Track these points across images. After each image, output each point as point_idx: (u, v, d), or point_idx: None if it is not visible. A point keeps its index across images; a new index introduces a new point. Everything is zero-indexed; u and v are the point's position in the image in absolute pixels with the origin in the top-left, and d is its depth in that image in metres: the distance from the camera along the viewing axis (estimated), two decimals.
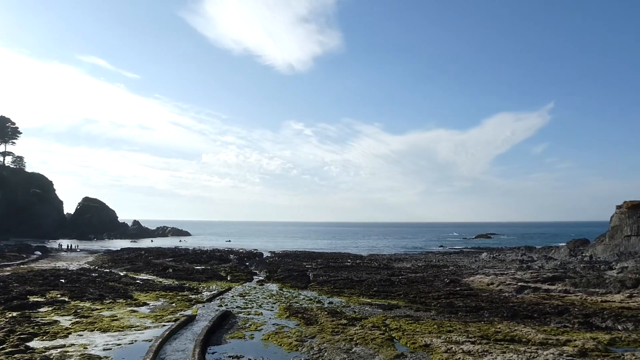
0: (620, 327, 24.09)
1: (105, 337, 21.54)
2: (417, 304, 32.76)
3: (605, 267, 56.37)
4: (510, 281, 41.74)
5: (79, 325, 23.71)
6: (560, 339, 20.75)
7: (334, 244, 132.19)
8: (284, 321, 25.99)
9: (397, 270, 55.84)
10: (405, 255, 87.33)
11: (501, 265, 62.81)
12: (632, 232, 67.93)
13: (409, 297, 35.49)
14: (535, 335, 21.40)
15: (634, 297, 32.92)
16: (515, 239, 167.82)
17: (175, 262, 62.94)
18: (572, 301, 32.74)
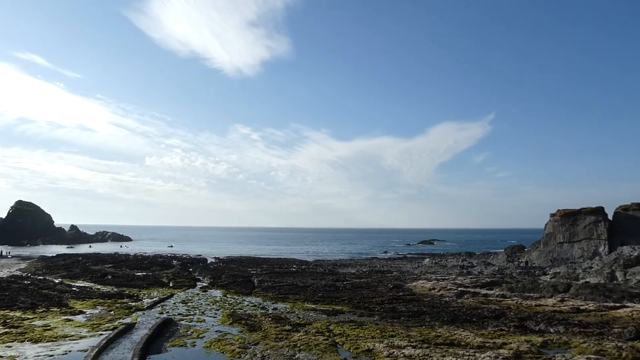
0: (552, 329, 25.16)
1: (36, 348, 20.51)
2: (361, 309, 33.06)
3: (540, 272, 58.90)
4: (451, 286, 42.83)
5: (8, 336, 22.48)
6: (497, 342, 21.45)
7: (280, 250, 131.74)
8: (227, 328, 25.61)
9: (342, 275, 56.23)
10: (351, 260, 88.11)
11: (443, 270, 64.41)
12: (565, 239, 71.36)
13: (353, 302, 35.77)
14: (473, 339, 22.02)
15: (565, 301, 34.51)
16: (456, 245, 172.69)
17: (115, 269, 60.88)
18: (508, 305, 33.94)
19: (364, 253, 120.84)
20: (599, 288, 39.62)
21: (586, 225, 70.16)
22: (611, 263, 53.74)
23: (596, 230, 69.23)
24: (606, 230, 68.45)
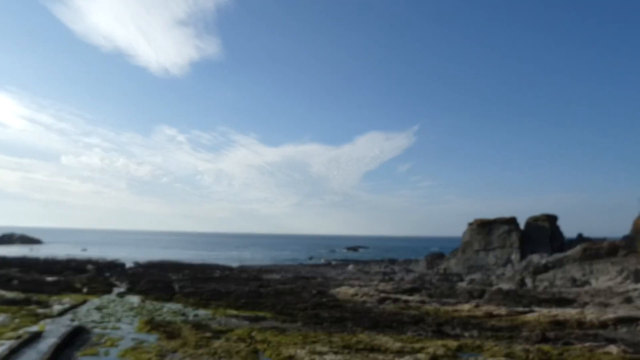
0: (467, 334, 26.19)
1: None
2: (284, 315, 32.90)
3: (457, 279, 61.37)
4: (374, 292, 43.62)
5: None
6: (415, 347, 22.00)
7: (204, 255, 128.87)
8: (144, 335, 24.57)
9: (266, 281, 55.81)
10: (275, 266, 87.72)
11: (366, 277, 65.56)
12: (481, 247, 74.82)
13: (277, 308, 35.53)
14: (393, 344, 22.46)
15: (479, 307, 36.08)
16: (380, 252, 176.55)
17: (22, 273, 56.91)
18: (427, 311, 35.01)
19: (289, 259, 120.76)
20: (511, 294, 41.82)
21: (500, 234, 73.91)
22: (522, 270, 56.89)
23: (509, 239, 73.09)
24: (518, 239, 72.43)
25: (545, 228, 74.52)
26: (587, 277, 50.16)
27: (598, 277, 49.51)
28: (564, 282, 49.95)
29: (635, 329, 27.92)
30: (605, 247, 53.78)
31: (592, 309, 35.30)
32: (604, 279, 48.68)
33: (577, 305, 37.29)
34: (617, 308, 35.25)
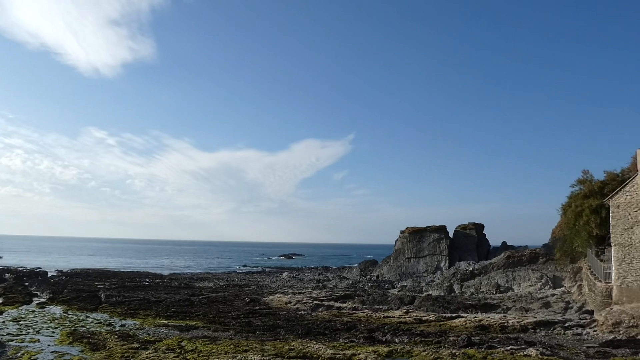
0: (397, 340, 26.74)
1: None
2: (216, 324, 32.33)
3: (389, 286, 62.62)
4: (307, 300, 43.71)
5: None
6: (347, 354, 22.21)
7: (133, 263, 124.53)
8: (65, 348, 23.37)
9: (198, 289, 54.64)
10: (208, 274, 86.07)
11: (300, 284, 65.59)
12: (412, 254, 76.81)
13: (208, 317, 34.86)
14: (325, 351, 22.57)
15: (410, 313, 36.98)
16: (315, 259, 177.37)
17: None
18: (359, 318, 35.46)
19: (222, 266, 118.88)
20: (439, 300, 43.12)
21: (431, 242, 76.25)
22: (450, 277, 58.84)
23: (439, 247, 75.54)
24: (447, 247, 75.02)
25: (472, 236, 77.66)
26: (510, 283, 52.59)
27: (520, 283, 52.01)
28: (489, 288, 52.10)
29: (552, 332, 29.53)
30: (526, 255, 56.62)
31: (514, 313, 37.03)
32: (525, 285, 51.20)
33: (501, 310, 38.97)
34: (537, 313, 37.18)
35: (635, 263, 30.25)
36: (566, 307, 38.54)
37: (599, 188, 41.34)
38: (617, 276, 31.08)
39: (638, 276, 30.09)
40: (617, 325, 27.73)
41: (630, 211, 30.92)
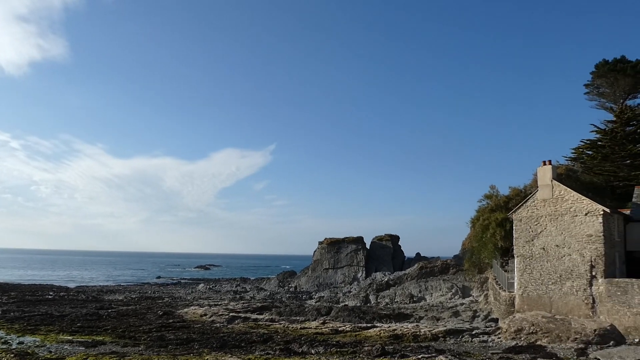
0: (314, 351, 26.78)
1: None
2: (125, 338, 30.80)
3: (307, 296, 62.81)
4: (223, 312, 42.83)
5: None
6: None
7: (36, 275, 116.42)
8: None
9: (107, 302, 51.98)
10: (119, 287, 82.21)
11: (216, 296, 64.23)
12: (330, 265, 77.63)
13: (118, 331, 33.18)
14: None
15: (326, 323, 37.20)
16: (233, 270, 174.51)
17: None
18: (276, 329, 35.20)
19: (135, 278, 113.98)
20: (355, 310, 43.79)
21: (348, 253, 77.50)
22: (366, 287, 60.01)
23: (356, 258, 76.93)
24: (364, 258, 76.56)
25: (388, 247, 79.80)
26: (423, 293, 54.47)
27: (432, 293, 54.04)
28: (403, 298, 53.67)
29: (461, 340, 30.83)
30: (438, 266, 59.01)
31: (426, 322, 38.34)
32: (437, 294, 53.25)
33: (414, 319, 40.21)
34: (447, 321, 38.72)
35: (535, 273, 32.37)
36: (474, 315, 40.44)
37: (504, 202, 43.94)
38: (519, 285, 33.10)
39: (538, 285, 32.20)
40: (518, 332, 29.44)
41: (531, 225, 33.10)
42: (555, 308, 31.02)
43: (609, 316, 28.42)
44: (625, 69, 55.71)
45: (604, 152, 51.56)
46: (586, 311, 29.73)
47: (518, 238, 33.76)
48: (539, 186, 33.50)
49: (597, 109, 62.82)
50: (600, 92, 61.00)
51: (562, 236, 31.62)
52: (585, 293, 30.03)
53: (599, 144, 53.42)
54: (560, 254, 31.50)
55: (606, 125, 54.40)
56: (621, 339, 26.91)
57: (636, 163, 48.24)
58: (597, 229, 30.22)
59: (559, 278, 31.33)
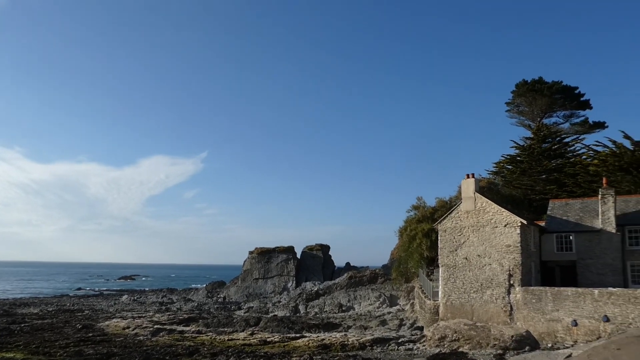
0: None
1: None
2: (39, 354, 29.10)
3: (236, 307, 61.84)
4: (147, 324, 41.35)
5: None
6: None
7: None
8: None
9: (20, 316, 48.80)
10: (34, 299, 77.39)
11: (141, 307, 61.93)
12: (260, 275, 76.93)
13: (31, 347, 31.23)
14: None
15: (255, 334, 36.76)
16: (160, 280, 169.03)
17: None
18: (203, 341, 34.38)
19: (53, 290, 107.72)
20: (284, 321, 43.60)
21: (279, 262, 77.12)
22: (296, 297, 59.93)
23: (287, 267, 76.67)
24: (295, 268, 76.44)
25: (319, 257, 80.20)
26: (351, 302, 55.08)
27: (361, 302, 54.75)
28: (332, 307, 54.01)
29: (387, 348, 31.38)
30: (367, 275, 59.95)
31: (354, 332, 38.74)
32: (365, 304, 54.01)
33: (342, 329, 40.52)
34: (374, 330, 39.32)
35: (458, 282, 33.57)
36: (400, 324, 41.33)
37: (430, 213, 45.43)
38: (443, 294, 34.20)
39: (460, 294, 33.40)
40: (442, 340, 30.37)
41: (455, 235, 34.36)
42: (477, 316, 32.28)
43: (525, 323, 29.91)
44: (542, 90, 59.51)
45: (523, 167, 54.56)
46: (504, 318, 31.14)
47: (443, 248, 34.93)
48: (462, 198, 34.89)
49: (517, 125, 66.65)
50: (520, 110, 64.79)
51: (483, 246, 33.03)
52: (504, 301, 31.47)
53: (518, 159, 56.48)
54: (482, 263, 32.88)
55: (525, 142, 57.67)
56: (536, 344, 28.38)
57: (551, 178, 51.34)
58: (515, 240, 31.82)
59: (480, 287, 32.66)
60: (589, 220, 35.78)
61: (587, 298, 27.44)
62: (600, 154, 47.81)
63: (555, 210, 38.47)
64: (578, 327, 27.43)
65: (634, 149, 44.76)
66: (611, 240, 33.89)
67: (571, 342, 27.21)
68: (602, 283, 31.95)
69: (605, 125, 60.51)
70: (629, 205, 36.17)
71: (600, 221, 34.47)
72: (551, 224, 37.27)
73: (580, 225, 35.73)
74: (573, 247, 35.26)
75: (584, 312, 27.32)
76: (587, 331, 26.96)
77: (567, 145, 56.92)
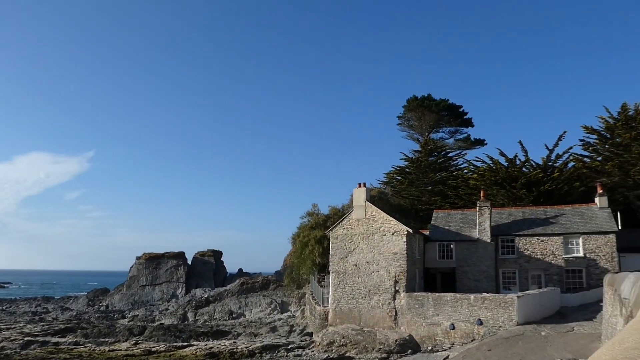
0: None
1: None
2: None
3: (119, 316, 58.63)
4: (17, 336, 37.90)
5: None
6: None
7: None
8: None
9: None
10: None
11: (10, 318, 56.60)
12: (147, 281, 73.69)
13: None
14: None
15: (139, 344, 35.03)
16: (35, 288, 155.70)
17: None
18: (80, 353, 32.12)
19: None
20: (171, 329, 42.07)
21: (168, 268, 74.41)
22: (185, 305, 58.13)
23: (176, 274, 74.17)
24: (185, 274, 74.15)
25: (210, 263, 78.54)
26: (242, 309, 54.48)
27: (252, 309, 54.33)
28: (222, 314, 53.04)
29: (277, 355, 31.36)
30: (259, 282, 59.71)
31: (244, 339, 38.31)
32: (256, 310, 53.68)
33: (232, 336, 39.91)
34: (265, 337, 39.18)
35: (348, 288, 34.46)
36: (290, 330, 41.56)
37: (323, 221, 46.24)
38: (333, 300, 34.92)
39: (349, 300, 34.29)
40: (330, 345, 30.94)
41: (346, 242, 35.28)
42: (364, 321, 33.30)
43: (409, 327, 31.35)
44: (431, 106, 63.19)
45: (411, 178, 57.42)
46: (390, 323, 32.42)
47: (334, 255, 35.69)
48: (354, 207, 35.94)
49: (407, 139, 70.10)
50: (410, 124, 68.23)
51: (372, 253, 34.21)
52: (390, 306, 32.79)
53: (407, 170, 59.36)
54: (370, 270, 34.03)
55: (413, 154, 60.76)
56: (417, 348, 29.83)
57: (436, 189, 54.50)
58: (401, 248, 33.32)
59: (368, 292, 33.76)
60: (468, 230, 38.46)
61: (464, 303, 29.35)
62: (479, 169, 51.47)
63: (439, 220, 40.89)
64: (455, 330, 29.24)
65: (508, 165, 48.79)
66: (486, 249, 36.68)
67: (449, 344, 28.91)
68: (478, 289, 34.40)
69: (484, 142, 65.56)
70: (502, 217, 39.39)
71: (478, 231, 37.18)
72: (434, 233, 39.53)
73: (460, 235, 38.28)
74: (453, 255, 37.69)
75: (461, 316, 29.18)
76: (463, 334, 28.80)
77: (451, 160, 60.83)
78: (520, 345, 22.17)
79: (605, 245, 34.42)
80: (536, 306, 28.75)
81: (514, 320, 26.72)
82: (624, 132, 43.47)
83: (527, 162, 48.85)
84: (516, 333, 24.86)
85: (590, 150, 48.16)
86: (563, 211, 38.21)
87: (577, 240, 35.32)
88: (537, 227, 37.14)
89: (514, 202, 44.74)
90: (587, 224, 35.84)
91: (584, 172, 45.72)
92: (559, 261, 35.39)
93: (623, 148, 43.67)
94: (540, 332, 24.72)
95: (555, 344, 21.56)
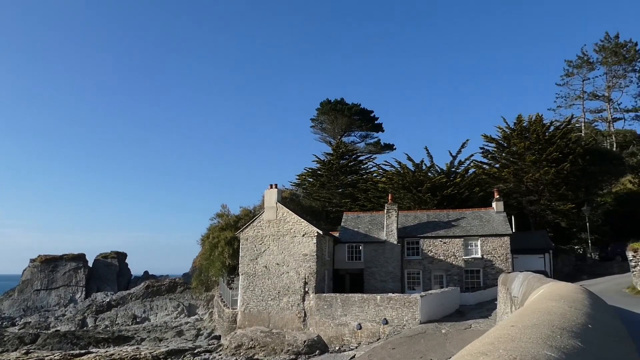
0: None
1: None
2: None
3: (9, 323, 54.26)
4: None
5: None
6: None
7: None
8: None
9: None
10: None
11: None
12: (42, 286, 68.74)
13: None
14: None
15: (30, 353, 32.65)
16: None
17: None
18: None
19: None
20: (68, 336, 39.62)
21: (66, 271, 69.83)
22: (84, 310, 54.95)
23: (76, 277, 69.79)
24: (85, 277, 69.95)
25: (114, 265, 74.70)
26: (147, 313, 52.37)
27: (157, 312, 52.39)
28: (125, 319, 50.68)
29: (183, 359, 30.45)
30: (166, 284, 57.69)
31: (148, 344, 36.86)
32: (162, 314, 51.83)
33: (135, 342, 38.29)
34: (170, 341, 37.93)
35: (257, 290, 34.19)
36: (197, 334, 40.56)
37: (234, 222, 45.64)
38: (242, 302, 34.49)
39: (259, 302, 34.03)
40: (239, 348, 30.53)
41: (256, 244, 35.01)
42: (273, 323, 33.18)
43: (317, 328, 31.65)
44: (343, 110, 64.46)
45: (322, 180, 58.11)
46: (299, 324, 32.55)
47: (244, 256, 35.27)
48: (265, 208, 35.76)
49: (320, 141, 70.99)
50: (323, 127, 69.18)
51: (282, 255, 34.20)
52: (299, 307, 32.93)
53: (318, 172, 60.00)
54: (280, 271, 34.00)
55: (325, 157, 61.57)
56: (325, 348, 30.20)
57: (346, 192, 55.53)
58: (311, 249, 33.60)
59: (278, 294, 33.70)
60: (376, 232, 39.54)
61: (371, 303, 30.12)
62: (387, 173, 53.12)
63: (348, 222, 41.69)
64: (362, 330, 29.92)
65: (414, 170, 50.81)
66: (393, 250, 37.91)
67: (356, 344, 29.55)
68: (385, 289, 35.43)
69: (393, 147, 67.87)
70: (408, 220, 40.90)
71: (385, 233, 38.34)
72: (344, 234, 40.25)
73: (369, 237, 39.27)
74: (362, 257, 38.58)
75: (368, 316, 29.92)
76: (370, 333, 29.54)
77: (361, 163, 62.27)
78: (422, 343, 23.13)
79: (500, 247, 36.80)
80: (438, 305, 30.15)
81: (417, 319, 27.82)
82: (519, 141, 46.78)
83: (433, 167, 51.16)
84: (419, 331, 25.91)
85: (489, 157, 51.35)
86: (464, 214, 40.38)
87: (476, 242, 37.47)
88: (440, 229, 38.96)
89: (420, 206, 46.60)
90: (484, 227, 38.13)
91: (483, 178, 48.65)
92: (460, 262, 37.34)
93: (518, 156, 47.01)
94: (441, 330, 25.93)
95: (454, 340, 22.71)
